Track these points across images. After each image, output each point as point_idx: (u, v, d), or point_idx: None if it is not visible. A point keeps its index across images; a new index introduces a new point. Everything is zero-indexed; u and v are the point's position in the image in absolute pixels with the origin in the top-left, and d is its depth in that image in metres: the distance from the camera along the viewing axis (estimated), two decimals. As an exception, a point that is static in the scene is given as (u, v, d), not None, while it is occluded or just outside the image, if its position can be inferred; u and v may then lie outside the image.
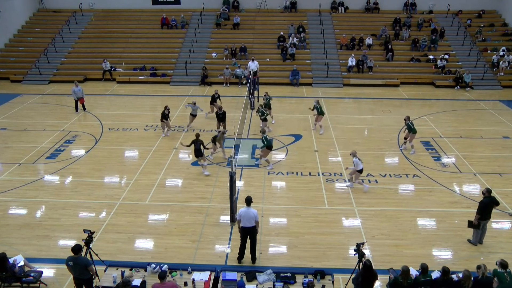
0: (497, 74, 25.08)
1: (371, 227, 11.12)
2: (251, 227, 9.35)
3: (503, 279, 7.81)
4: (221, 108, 17.00)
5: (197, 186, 13.23)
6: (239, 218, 9.37)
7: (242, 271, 8.57)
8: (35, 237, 10.69)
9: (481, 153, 15.75)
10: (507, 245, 10.47)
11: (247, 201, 9.40)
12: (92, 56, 26.85)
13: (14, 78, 25.64)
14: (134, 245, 10.45)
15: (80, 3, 30.10)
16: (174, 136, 17.05)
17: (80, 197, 12.56)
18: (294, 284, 8.22)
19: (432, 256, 10.05)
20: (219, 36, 28.26)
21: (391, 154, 15.57)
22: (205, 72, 24.84)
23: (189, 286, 8.19)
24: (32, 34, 29.24)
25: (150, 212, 11.83)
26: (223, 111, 16.88)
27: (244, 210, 9.30)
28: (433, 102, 22.10)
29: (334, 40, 27.85)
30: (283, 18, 29.60)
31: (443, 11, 29.60)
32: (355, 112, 20.50)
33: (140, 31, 28.91)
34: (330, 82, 24.88)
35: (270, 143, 14.22)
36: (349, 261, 9.60)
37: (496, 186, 13.15)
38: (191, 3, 30.33)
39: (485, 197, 10.13)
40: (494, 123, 18.85)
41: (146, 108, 20.73)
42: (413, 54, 26.61)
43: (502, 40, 27.64)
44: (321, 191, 12.96)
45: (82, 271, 8.04)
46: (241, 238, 9.56)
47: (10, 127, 18.16)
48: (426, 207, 12.10)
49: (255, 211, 9.33)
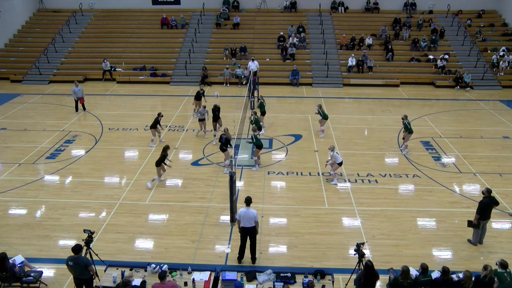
0: (497, 74, 25.07)
1: (371, 227, 11.13)
2: (251, 227, 9.35)
3: (503, 279, 7.82)
4: (219, 107, 16.60)
5: (197, 186, 13.23)
6: (238, 218, 9.37)
7: (242, 271, 8.57)
8: (35, 237, 10.69)
9: (481, 153, 15.75)
10: (507, 245, 10.47)
11: (247, 201, 9.40)
12: (92, 56, 26.84)
13: (14, 78, 25.64)
14: (134, 245, 10.45)
15: (80, 3, 30.10)
16: (174, 136, 17.06)
17: (80, 197, 12.56)
18: (294, 284, 8.23)
19: (432, 256, 10.06)
20: (219, 36, 28.26)
21: (391, 154, 15.57)
22: (205, 72, 24.85)
23: (189, 286, 8.19)
24: (32, 34, 29.24)
25: (150, 212, 11.83)
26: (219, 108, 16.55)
27: (244, 211, 9.30)
28: (433, 102, 22.10)
29: (334, 40, 27.85)
30: (283, 18, 29.60)
31: (443, 11, 29.59)
32: (355, 112, 20.50)
33: (140, 31, 28.91)
34: (330, 82, 24.88)
35: (258, 142, 14.09)
36: (349, 261, 9.60)
37: (496, 186, 13.15)
38: (191, 3, 30.33)
39: (485, 197, 10.13)
40: (494, 123, 18.85)
41: (146, 108, 20.73)
42: (413, 54, 26.61)
43: (502, 40, 27.64)
44: (321, 191, 12.96)
45: (82, 271, 8.04)
46: (241, 238, 9.56)
47: (10, 127, 18.16)
48: (426, 207, 12.10)
49: (254, 212, 9.33)
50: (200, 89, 18.89)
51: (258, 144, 14.08)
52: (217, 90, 23.68)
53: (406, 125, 15.11)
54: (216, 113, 16.42)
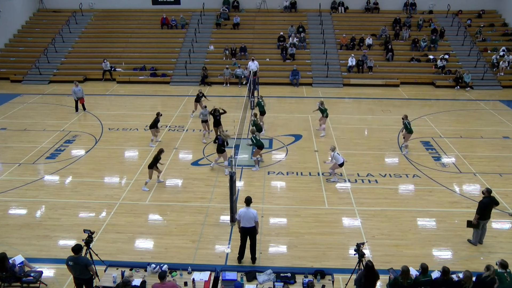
0: (497, 74, 25.07)
1: (371, 227, 11.13)
2: (251, 227, 9.35)
3: (503, 279, 7.81)
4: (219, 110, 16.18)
5: (197, 186, 13.23)
6: (238, 218, 9.37)
7: (242, 271, 8.57)
8: (35, 237, 10.69)
9: (481, 153, 15.75)
10: (507, 245, 10.47)
11: (247, 201, 9.40)
12: (92, 56, 26.84)
13: (14, 78, 25.64)
14: (134, 245, 10.45)
15: (80, 3, 30.10)
16: (174, 136, 17.06)
17: (80, 197, 12.56)
18: (294, 284, 8.23)
19: (432, 256, 10.06)
20: (219, 36, 28.26)
21: (391, 154, 15.56)
22: (205, 72, 24.85)
23: (189, 286, 8.19)
24: (32, 34, 29.24)
25: (150, 212, 11.83)
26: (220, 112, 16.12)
27: (244, 211, 9.30)
28: (433, 102, 22.10)
29: (334, 40, 27.84)
30: (283, 18, 29.60)
31: (443, 11, 29.59)
32: (355, 112, 20.50)
33: (140, 31, 28.91)
34: (330, 82, 24.88)
35: (259, 143, 14.09)
36: (349, 261, 9.60)
37: (496, 186, 13.15)
38: (191, 3, 30.33)
39: (485, 197, 10.13)
40: (494, 123, 18.85)
41: (146, 108, 20.72)
42: (413, 54, 26.60)
43: (502, 40, 27.64)
44: (321, 191, 12.96)
45: (82, 271, 8.04)
46: (241, 238, 9.56)
47: (10, 127, 18.16)
48: (426, 207, 12.10)
49: (254, 212, 9.32)
50: (199, 92, 18.91)
51: (259, 144, 14.08)
52: (217, 90, 23.77)
53: (406, 125, 15.11)
54: (217, 118, 16.03)
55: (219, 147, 13.92)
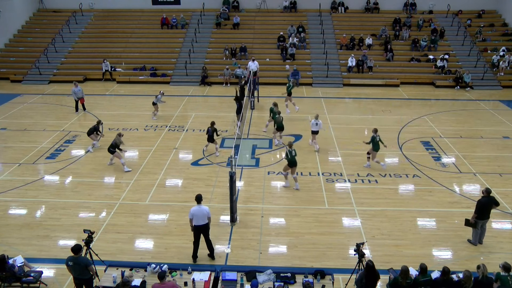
0: (497, 74, 25.07)
1: (371, 227, 11.12)
2: (204, 224, 9.42)
3: (506, 282, 7.76)
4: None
5: (197, 186, 13.22)
6: (191, 217, 9.37)
7: (242, 271, 8.57)
8: (35, 237, 10.69)
9: (481, 153, 15.75)
10: (507, 245, 10.47)
11: (198, 199, 9.42)
12: (92, 56, 26.83)
13: (14, 78, 25.64)
14: (134, 245, 10.45)
15: (80, 3, 30.10)
16: (174, 136, 17.05)
17: (80, 197, 12.56)
18: (294, 284, 8.22)
19: (432, 256, 10.06)
20: (219, 36, 28.26)
21: (391, 154, 15.56)
22: (205, 72, 24.85)
23: (189, 286, 8.19)
24: (32, 34, 29.23)
25: (150, 212, 11.83)
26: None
27: (196, 209, 9.33)
28: (433, 102, 22.10)
29: (334, 40, 27.84)
30: (283, 18, 29.59)
31: (443, 11, 29.61)
32: (355, 112, 20.49)
33: (140, 31, 28.90)
34: (330, 82, 24.88)
35: (292, 159, 12.68)
36: (349, 261, 9.60)
37: (496, 186, 13.15)
38: (191, 3, 30.33)
39: (483, 196, 10.14)
40: (494, 123, 18.84)
41: (146, 108, 20.70)
42: (413, 54, 26.60)
43: (502, 40, 27.64)
44: (321, 191, 12.96)
45: (82, 271, 8.04)
46: (194, 236, 9.58)
47: (10, 127, 18.16)
48: (426, 207, 12.10)
49: (206, 208, 9.41)
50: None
51: (291, 161, 12.69)
52: (217, 90, 23.77)
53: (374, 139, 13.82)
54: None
55: (211, 137, 14.70)
